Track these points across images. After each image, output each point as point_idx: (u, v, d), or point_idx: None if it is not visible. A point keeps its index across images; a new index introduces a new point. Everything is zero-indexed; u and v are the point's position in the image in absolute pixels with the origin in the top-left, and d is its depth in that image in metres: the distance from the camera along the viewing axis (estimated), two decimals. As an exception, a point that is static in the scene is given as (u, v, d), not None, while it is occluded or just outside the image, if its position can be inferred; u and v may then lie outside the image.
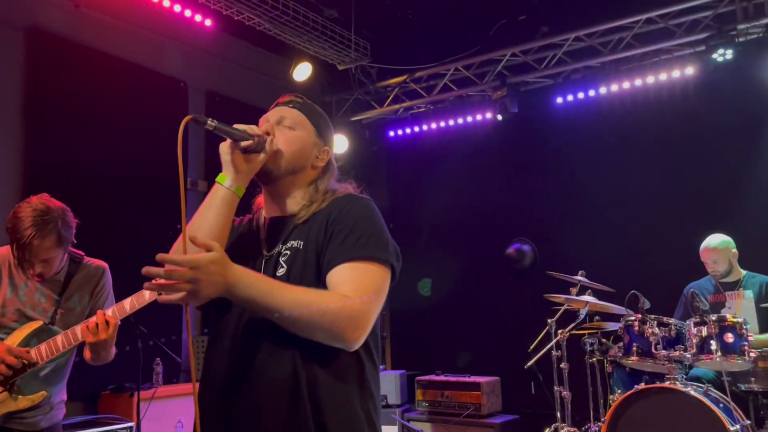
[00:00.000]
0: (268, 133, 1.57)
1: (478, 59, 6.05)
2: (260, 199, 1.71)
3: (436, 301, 6.27)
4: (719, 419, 3.37)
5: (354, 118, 6.70)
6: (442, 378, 5.36)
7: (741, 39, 4.99)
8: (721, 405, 3.53)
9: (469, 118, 6.41)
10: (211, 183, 1.61)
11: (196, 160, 5.38)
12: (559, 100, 5.90)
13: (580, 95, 5.78)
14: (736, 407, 3.66)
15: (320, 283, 1.48)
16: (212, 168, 5.53)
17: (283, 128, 1.61)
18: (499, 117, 5.98)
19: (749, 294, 4.22)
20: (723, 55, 4.88)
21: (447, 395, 5.20)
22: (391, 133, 6.93)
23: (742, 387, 3.88)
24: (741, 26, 4.94)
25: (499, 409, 5.26)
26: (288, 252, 1.52)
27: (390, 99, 6.58)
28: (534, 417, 5.36)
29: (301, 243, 1.52)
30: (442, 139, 6.60)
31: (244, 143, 1.53)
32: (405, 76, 6.31)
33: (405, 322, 6.53)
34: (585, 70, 5.77)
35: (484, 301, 6.10)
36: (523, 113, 5.92)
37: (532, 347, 4.73)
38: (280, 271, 1.51)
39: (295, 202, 1.62)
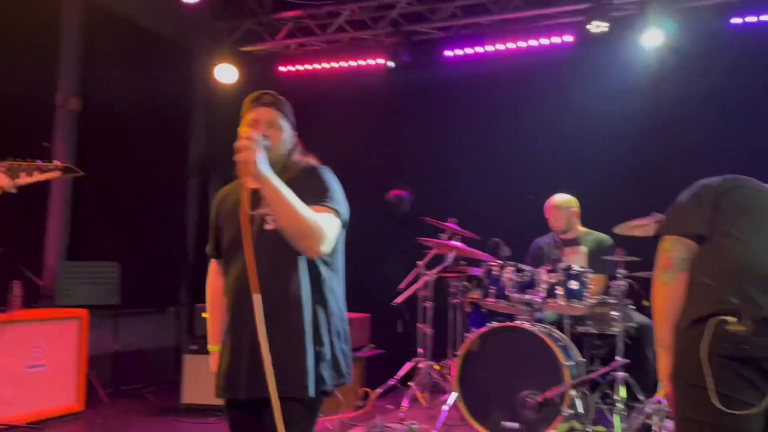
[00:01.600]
0: (266, 136, 2.00)
1: (375, 2, 6.05)
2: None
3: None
4: (557, 356, 3.78)
5: (245, 49, 6.52)
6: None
7: (616, 14, 5.35)
8: (561, 344, 3.95)
9: (362, 62, 6.45)
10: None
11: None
12: (449, 53, 6.07)
13: (469, 50, 5.98)
14: (573, 346, 4.11)
15: None
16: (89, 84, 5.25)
17: (274, 130, 2.12)
18: (391, 64, 6.08)
19: (584, 249, 4.67)
20: (599, 26, 5.21)
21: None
22: (283, 69, 6.83)
23: (580, 329, 4.35)
24: (617, 1, 5.30)
25: (366, 344, 5.52)
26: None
27: (284, 33, 6.46)
28: (399, 353, 5.69)
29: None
30: (334, 79, 6.61)
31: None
32: (301, 11, 6.21)
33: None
34: (475, 26, 5.96)
35: (361, 243, 6.26)
36: (413, 63, 6.06)
37: (402, 287, 4.98)
38: (268, 226, 2.02)
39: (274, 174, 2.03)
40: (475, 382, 4.02)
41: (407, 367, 4.90)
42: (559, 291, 4.02)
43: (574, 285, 4.03)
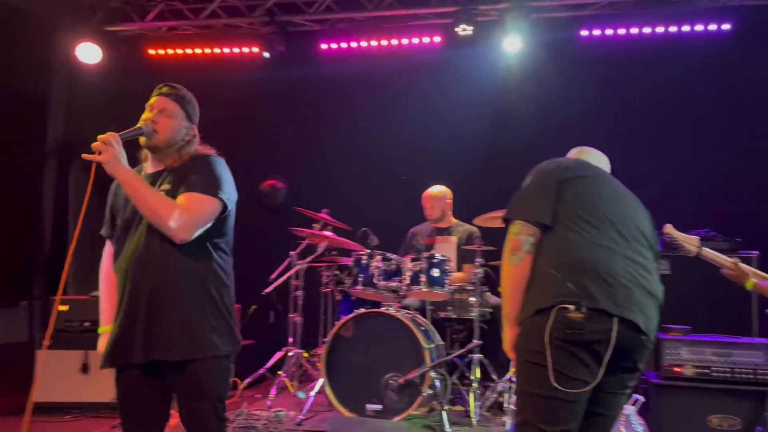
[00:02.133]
0: (152, 122, 2.26)
1: (250, -9, 6.00)
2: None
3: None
4: (418, 339, 3.99)
5: (110, 28, 6.20)
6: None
7: (481, 18, 5.68)
8: (423, 328, 4.17)
9: (236, 50, 6.36)
10: None
11: None
12: (324, 46, 6.15)
13: (343, 45, 6.09)
14: (434, 330, 4.35)
15: None
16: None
17: (164, 117, 2.29)
18: (266, 54, 6.05)
19: (454, 239, 4.97)
20: (465, 29, 5.51)
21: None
22: (152, 52, 6.57)
23: (441, 314, 4.60)
24: (482, 7, 5.63)
25: (236, 334, 5.48)
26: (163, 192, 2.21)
27: (153, 15, 6.22)
28: (271, 343, 5.70)
29: (171, 185, 2.23)
30: (207, 66, 6.46)
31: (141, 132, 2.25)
32: (172, -6, 6.01)
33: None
34: (350, 21, 6.08)
35: (234, 233, 6.23)
36: (289, 54, 6.07)
37: (274, 277, 5.00)
38: None
39: (168, 162, 2.32)
40: (342, 367, 4.14)
41: (277, 356, 4.93)
42: (422, 278, 4.23)
43: (436, 272, 4.25)
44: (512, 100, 5.67)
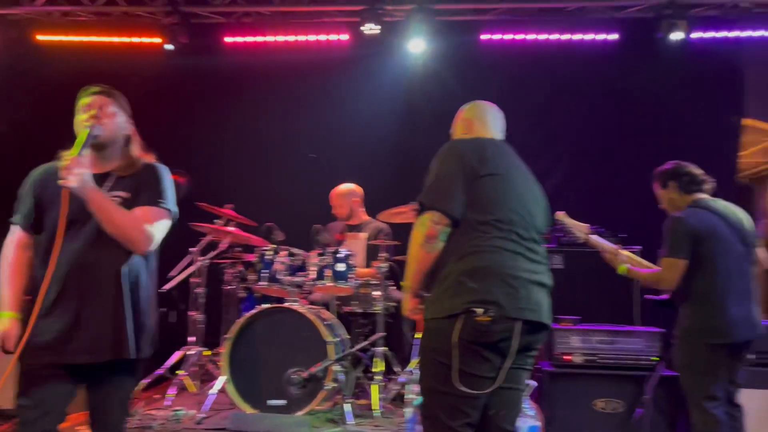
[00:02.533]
0: (98, 117, 2.29)
1: (152, -22, 5.79)
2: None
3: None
4: (321, 333, 4.01)
5: (-4, 11, 5.80)
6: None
7: (387, 18, 5.77)
8: (327, 323, 4.19)
9: (136, 39, 6.12)
10: None
11: None
12: (229, 39, 6.03)
13: (249, 39, 6.00)
14: (339, 324, 4.38)
15: None
16: None
17: (105, 113, 2.33)
18: (169, 46, 5.87)
19: (364, 236, 5.02)
20: (372, 28, 5.58)
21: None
22: (42, 37, 6.18)
23: (347, 309, 4.64)
24: (389, 7, 5.72)
25: (134, 335, 5.27)
26: (118, 199, 2.24)
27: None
28: (170, 343, 5.51)
29: (130, 195, 2.27)
30: (104, 55, 6.15)
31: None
32: (65, -23, 5.71)
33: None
34: (256, 15, 6.00)
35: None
36: (192, 46, 5.92)
37: (172, 274, 4.85)
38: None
39: (115, 165, 2.34)
40: (244, 364, 4.09)
41: (177, 355, 4.79)
42: (328, 273, 4.25)
43: (341, 267, 4.28)
44: (417, 100, 5.80)
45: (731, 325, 3.17)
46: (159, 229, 2.28)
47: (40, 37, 6.18)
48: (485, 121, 2.63)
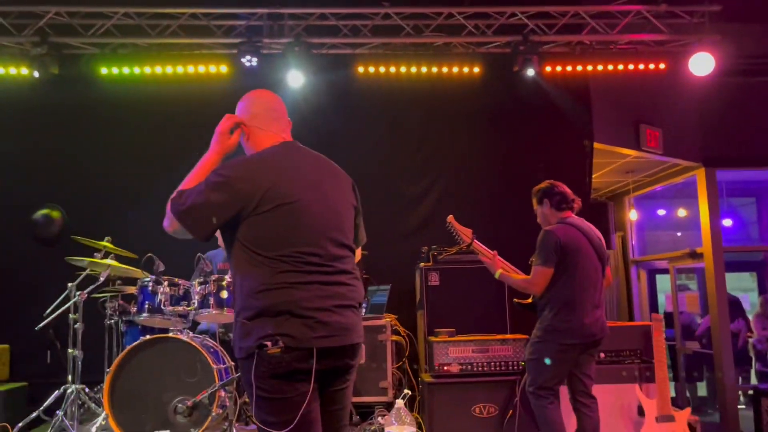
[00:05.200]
0: None
1: (17, 9, 5.63)
2: None
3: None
4: (208, 360, 4.05)
5: None
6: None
7: (265, 51, 5.95)
8: (212, 350, 4.23)
9: (1, 70, 5.89)
10: None
11: None
12: (105, 70, 5.95)
13: (126, 70, 5.95)
14: (224, 351, 4.42)
15: None
16: None
17: None
18: (36, 74, 5.71)
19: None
20: (250, 61, 5.73)
21: (-59, 367, 4.72)
22: None
23: (231, 335, 4.68)
24: (267, 40, 5.90)
25: (5, 378, 5.02)
26: None
27: None
28: (46, 384, 5.28)
29: None
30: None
31: None
32: None
33: None
34: (132, 46, 5.98)
35: (3, 269, 5.72)
36: (65, 76, 5.80)
37: (48, 312, 4.69)
38: None
39: None
40: (128, 397, 4.04)
41: (54, 396, 4.60)
42: (211, 301, 4.29)
43: (224, 294, 4.34)
44: (298, 131, 5.97)
45: (584, 327, 3.66)
46: None
47: None
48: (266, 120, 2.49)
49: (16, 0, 5.60)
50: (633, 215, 8.95)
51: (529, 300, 4.03)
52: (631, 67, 6.29)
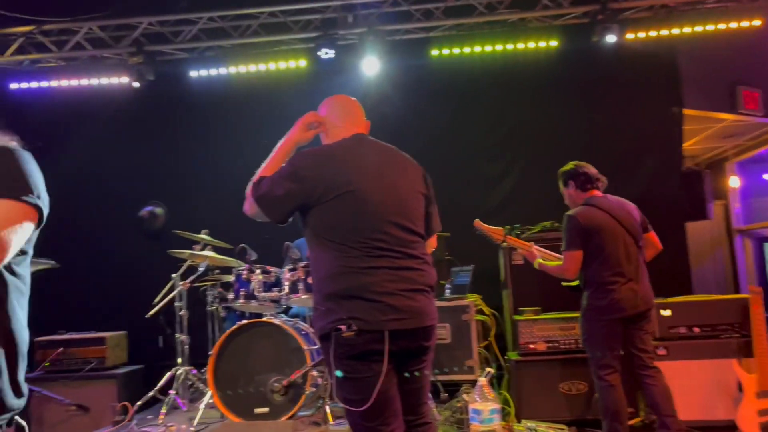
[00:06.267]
0: None
1: (114, 22, 6.08)
2: None
3: (70, 261, 6.15)
4: (299, 342, 4.29)
5: (-34, 64, 6.07)
6: (64, 336, 5.38)
7: (341, 42, 6.10)
8: (303, 332, 4.48)
9: (105, 80, 6.41)
10: None
11: None
12: (194, 73, 6.34)
13: (213, 72, 6.31)
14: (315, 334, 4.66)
15: None
16: None
17: None
18: (136, 84, 6.16)
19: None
20: (327, 53, 5.91)
21: (70, 352, 5.26)
22: (15, 86, 6.46)
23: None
24: (342, 31, 6.06)
25: (124, 361, 5.53)
26: None
27: (14, 49, 6.14)
28: (160, 367, 5.76)
29: None
30: (75, 97, 6.45)
31: None
32: (32, 27, 5.98)
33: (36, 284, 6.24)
34: (218, 48, 6.32)
35: (115, 261, 6.26)
36: (159, 81, 6.21)
37: (156, 300, 5.11)
38: None
39: None
40: (229, 377, 4.36)
41: (167, 377, 5.04)
42: (300, 286, 4.53)
43: (312, 280, 4.55)
44: (374, 117, 6.11)
45: (616, 303, 3.66)
46: (12, 231, 1.58)
47: (12, 86, 6.45)
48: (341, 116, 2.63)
49: (113, 14, 6.04)
50: (734, 182, 8.45)
51: (575, 282, 4.03)
52: (722, 26, 5.94)
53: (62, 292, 6.16)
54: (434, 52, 6.15)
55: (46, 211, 1.69)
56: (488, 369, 3.73)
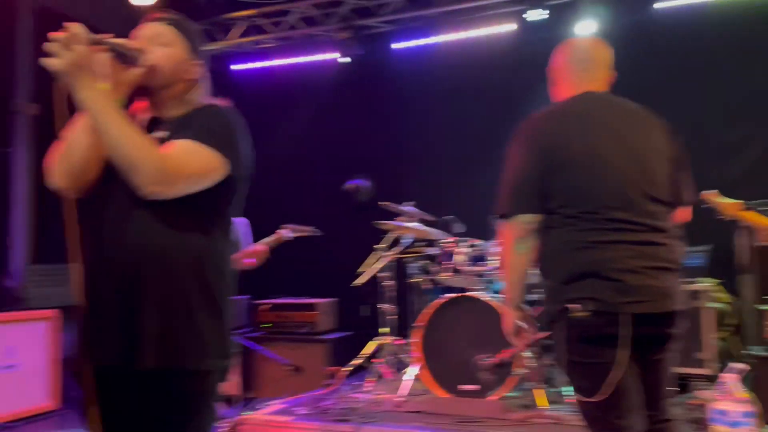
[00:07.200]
0: (141, 50, 1.73)
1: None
2: (135, 106, 1.84)
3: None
4: (508, 320, 4.07)
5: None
6: (281, 301, 5.74)
7: (553, 2, 5.66)
8: (512, 310, 4.24)
9: (314, 57, 6.67)
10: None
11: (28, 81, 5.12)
12: (396, 45, 6.35)
13: (417, 42, 6.26)
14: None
15: None
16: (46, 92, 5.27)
17: (159, 45, 1.76)
18: (345, 59, 6.33)
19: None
20: (538, 15, 5.51)
21: (285, 316, 5.60)
22: (235, 67, 6.98)
23: (534, 297, 4.64)
24: (554, -10, 5.61)
25: (333, 328, 5.76)
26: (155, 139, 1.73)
27: (237, 32, 6.62)
28: (366, 334, 5.92)
29: (167, 134, 1.73)
30: (289, 75, 6.81)
31: (124, 53, 1.68)
32: (254, 10, 6.39)
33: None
34: (421, 18, 6.23)
35: (325, 231, 6.54)
36: (364, 56, 6.30)
37: (360, 270, 5.21)
38: None
39: (170, 111, 1.82)
40: (434, 350, 4.30)
41: (372, 346, 5.13)
42: (507, 261, 4.30)
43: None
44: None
45: None
46: (187, 168, 1.62)
47: (233, 67, 6.98)
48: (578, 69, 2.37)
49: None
50: None
51: None
52: None
53: (273, 257, 6.59)
54: (657, 6, 5.44)
55: (236, 172, 1.74)
56: (738, 365, 3.22)
